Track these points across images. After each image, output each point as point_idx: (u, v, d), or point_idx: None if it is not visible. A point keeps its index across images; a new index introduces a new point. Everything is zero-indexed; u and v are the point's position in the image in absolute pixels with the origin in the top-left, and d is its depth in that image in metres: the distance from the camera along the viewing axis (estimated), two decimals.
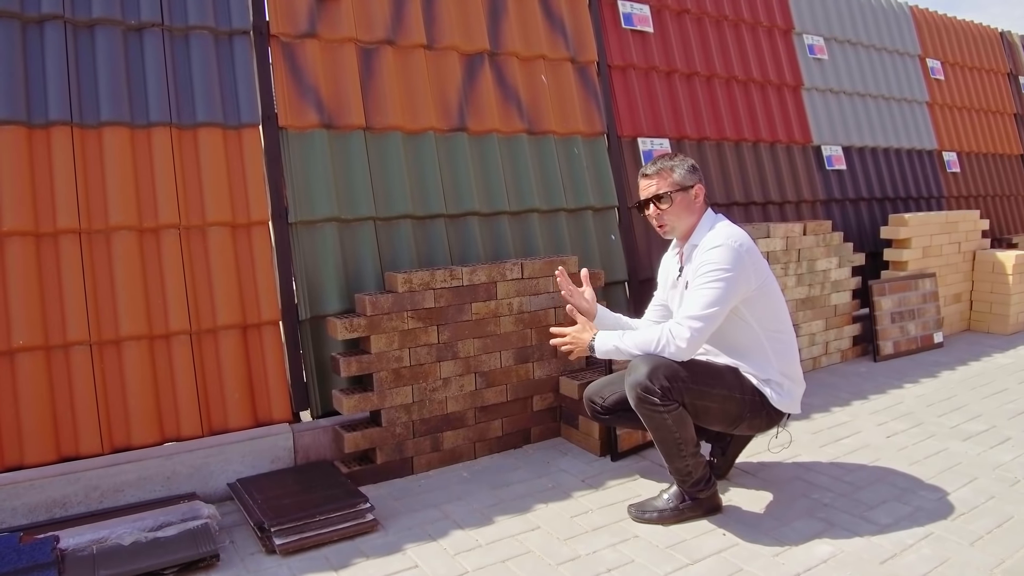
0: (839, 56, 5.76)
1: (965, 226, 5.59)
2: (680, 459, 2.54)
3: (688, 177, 2.67)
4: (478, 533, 2.57)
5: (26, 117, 2.79)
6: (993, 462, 3.10)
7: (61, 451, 2.76)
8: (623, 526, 2.60)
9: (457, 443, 3.19)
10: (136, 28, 3.04)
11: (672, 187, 2.66)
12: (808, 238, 4.48)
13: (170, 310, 2.94)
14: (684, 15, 4.82)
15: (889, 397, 4.04)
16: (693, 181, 2.67)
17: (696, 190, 2.67)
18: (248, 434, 2.97)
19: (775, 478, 2.98)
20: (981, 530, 2.52)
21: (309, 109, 3.29)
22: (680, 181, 2.66)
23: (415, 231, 3.50)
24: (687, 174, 2.67)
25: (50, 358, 2.77)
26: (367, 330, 2.93)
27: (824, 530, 2.54)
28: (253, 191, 3.13)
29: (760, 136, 5.00)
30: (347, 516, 2.55)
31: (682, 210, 2.67)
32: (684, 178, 2.66)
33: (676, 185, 2.66)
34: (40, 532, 2.42)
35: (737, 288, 2.49)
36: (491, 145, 3.78)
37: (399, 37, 3.59)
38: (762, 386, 2.62)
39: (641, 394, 2.44)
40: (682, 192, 2.66)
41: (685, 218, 2.68)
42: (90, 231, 2.85)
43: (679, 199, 2.66)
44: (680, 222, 2.70)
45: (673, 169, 2.68)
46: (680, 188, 2.66)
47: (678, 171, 2.67)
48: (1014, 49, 7.51)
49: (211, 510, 2.57)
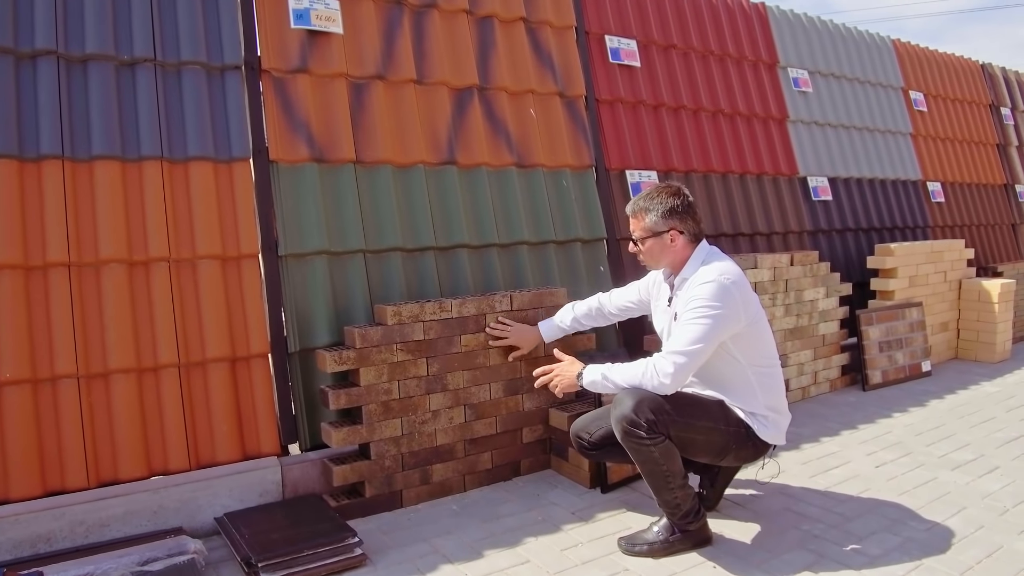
0: (823, 89, 5.87)
1: (951, 255, 5.65)
2: (668, 491, 2.54)
3: (660, 223, 2.65)
4: (467, 567, 2.55)
5: (18, 150, 2.80)
6: (982, 491, 3.11)
7: (47, 485, 2.73)
8: (613, 559, 2.59)
9: (447, 476, 3.17)
10: (129, 63, 3.07)
11: (644, 232, 2.69)
12: (795, 268, 4.52)
13: (159, 343, 2.94)
14: (671, 50, 4.91)
15: (878, 427, 4.05)
16: (667, 227, 2.64)
17: (670, 235, 2.65)
18: (236, 467, 2.95)
19: (765, 509, 2.98)
20: (971, 560, 2.53)
21: (300, 143, 3.33)
22: (651, 227, 2.67)
23: (405, 264, 3.52)
24: (659, 220, 2.65)
25: (37, 391, 2.75)
26: (356, 363, 2.93)
27: (815, 562, 2.54)
28: (243, 224, 3.15)
29: (747, 168, 5.07)
30: (335, 551, 2.53)
31: (656, 253, 2.70)
32: (656, 224, 2.66)
33: (647, 231, 2.68)
34: (24, 568, 2.39)
35: (726, 326, 2.51)
36: (480, 178, 3.82)
37: (390, 72, 3.64)
38: (748, 419, 2.63)
39: (627, 427, 2.45)
40: (654, 238, 2.68)
41: (662, 259, 2.71)
42: (80, 264, 2.86)
43: (650, 244, 2.69)
44: (656, 262, 2.75)
45: (648, 212, 2.67)
46: (652, 234, 2.68)
47: (650, 216, 2.66)
48: (995, 81, 7.66)
49: (197, 545, 2.54)
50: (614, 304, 3.13)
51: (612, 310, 3.14)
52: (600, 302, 3.17)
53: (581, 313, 3.20)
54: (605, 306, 3.15)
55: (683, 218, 2.66)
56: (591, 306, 3.18)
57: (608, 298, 3.16)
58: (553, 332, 3.25)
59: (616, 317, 3.18)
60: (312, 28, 3.43)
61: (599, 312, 3.18)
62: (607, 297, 3.17)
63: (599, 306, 3.17)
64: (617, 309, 3.13)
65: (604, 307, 3.16)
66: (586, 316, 3.20)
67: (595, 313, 3.19)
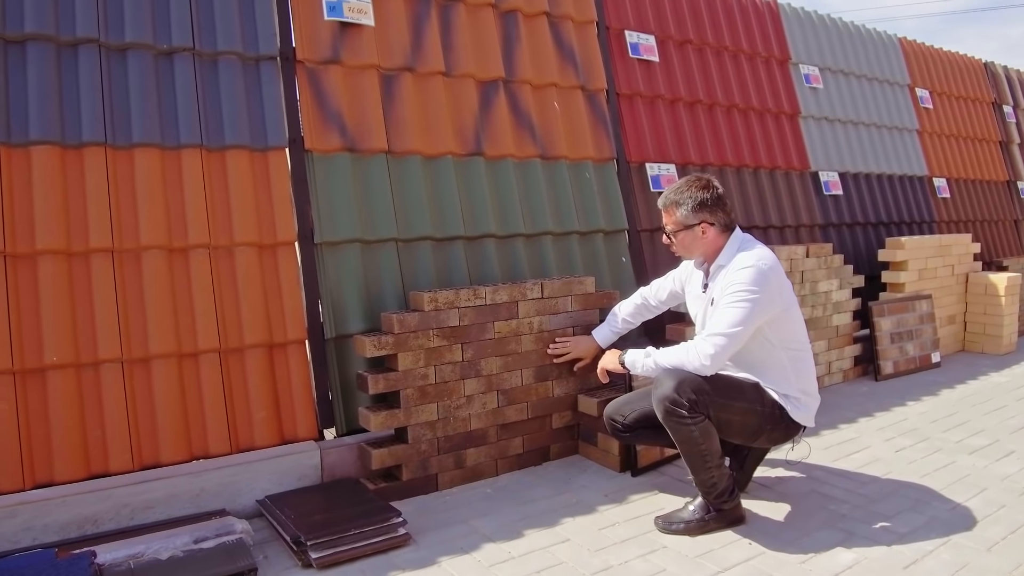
0: (833, 85, 5.95)
1: (958, 249, 5.75)
2: (705, 471, 2.61)
3: (691, 216, 2.72)
4: (509, 546, 2.61)
5: (60, 137, 2.85)
6: (1000, 474, 3.19)
7: (91, 468, 2.77)
8: (650, 537, 2.66)
9: (479, 460, 3.23)
10: (167, 53, 3.12)
11: (676, 226, 2.77)
12: (810, 260, 4.59)
13: (199, 329, 2.98)
14: (686, 45, 4.98)
15: (893, 415, 4.13)
16: (697, 220, 2.71)
17: (701, 228, 2.72)
18: (275, 451, 3.00)
19: (791, 491, 3.05)
20: (996, 536, 2.61)
21: (333, 132, 3.38)
22: (682, 221, 2.75)
23: (435, 252, 3.58)
24: (690, 213, 2.72)
25: (80, 375, 2.80)
26: (394, 348, 2.98)
27: (845, 539, 2.61)
28: (280, 212, 3.20)
29: (760, 162, 5.14)
30: (380, 530, 2.58)
31: (689, 244, 2.78)
32: (686, 218, 2.73)
33: (679, 224, 2.76)
34: (75, 548, 2.43)
35: (763, 309, 2.58)
36: (506, 169, 3.88)
37: (418, 64, 3.69)
38: (782, 400, 2.71)
39: (669, 407, 2.52)
40: (685, 231, 2.75)
41: (695, 250, 2.79)
42: (121, 250, 2.90)
43: (682, 236, 2.77)
44: (690, 253, 2.83)
45: (679, 206, 2.74)
46: (683, 227, 2.75)
47: (681, 210, 2.74)
48: (997, 79, 7.77)
49: (244, 525, 2.59)
50: (656, 296, 3.21)
51: (654, 302, 3.22)
52: (644, 296, 3.25)
53: (628, 312, 3.28)
54: (649, 299, 3.23)
55: (713, 210, 2.73)
56: (636, 303, 3.26)
57: (650, 291, 3.24)
58: (607, 337, 3.31)
59: (661, 308, 3.25)
60: (344, 20, 3.48)
61: (644, 307, 3.25)
62: (649, 290, 3.25)
63: (643, 301, 3.25)
64: (660, 300, 3.21)
65: (648, 300, 3.24)
66: (633, 314, 3.28)
67: (641, 309, 3.27)
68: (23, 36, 2.85)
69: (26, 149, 2.79)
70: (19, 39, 2.85)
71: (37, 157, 2.79)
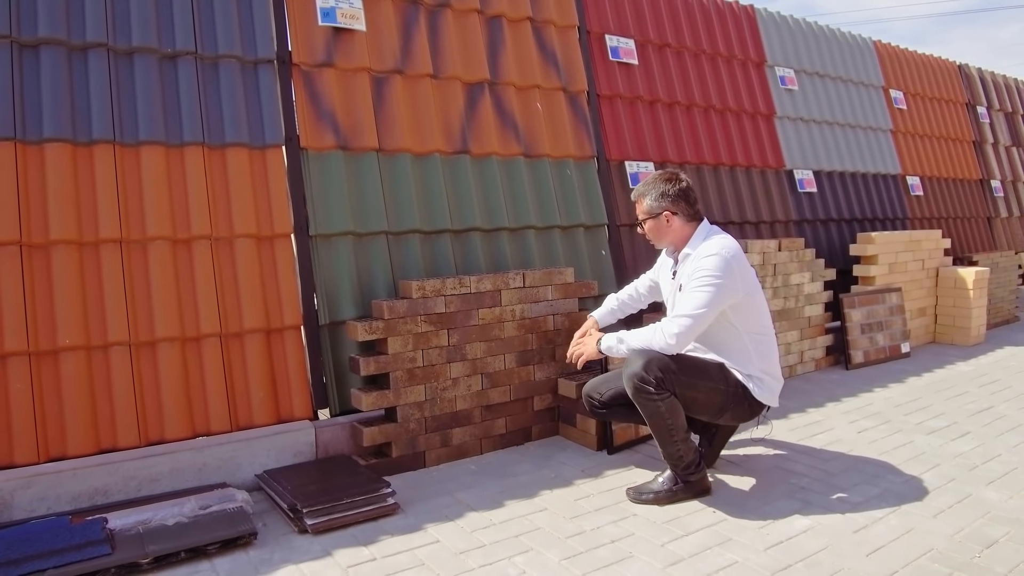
0: (808, 87, 6.18)
1: (928, 244, 5.98)
2: (672, 444, 2.82)
3: (655, 206, 2.98)
4: (491, 514, 2.82)
5: (71, 135, 3.04)
6: (954, 452, 3.42)
7: (101, 443, 2.97)
8: (622, 507, 2.87)
9: (465, 439, 3.44)
10: (171, 56, 3.31)
11: (643, 215, 3.04)
12: (783, 254, 4.82)
13: (201, 314, 3.18)
14: (665, 49, 5.20)
15: (860, 400, 4.35)
16: (660, 209, 2.97)
17: (665, 216, 2.97)
18: (272, 430, 3.20)
19: (757, 467, 3.27)
20: (943, 505, 2.82)
21: (327, 132, 3.58)
22: (648, 210, 3.01)
23: (423, 245, 3.78)
24: (653, 203, 2.98)
25: (91, 357, 2.99)
26: (384, 332, 3.19)
27: (803, 507, 2.83)
28: (277, 206, 3.40)
29: (736, 161, 5.37)
30: (371, 500, 2.79)
31: (656, 232, 3.04)
32: (651, 208, 2.99)
33: (645, 213, 3.03)
34: (87, 516, 2.63)
35: (726, 294, 2.80)
36: (491, 166, 4.09)
37: (408, 67, 3.90)
38: (745, 380, 2.92)
39: (638, 384, 2.73)
40: (652, 219, 3.01)
41: (663, 238, 3.04)
42: (129, 241, 3.10)
43: (649, 224, 3.03)
44: (659, 241, 3.07)
45: (645, 196, 3.02)
46: (649, 216, 3.01)
47: (647, 200, 3.01)
48: (971, 81, 8.02)
49: (244, 495, 2.79)
50: (643, 286, 3.43)
51: (643, 291, 3.43)
52: (636, 287, 3.45)
53: (625, 297, 3.46)
54: (639, 289, 3.44)
55: (675, 200, 2.97)
56: (630, 293, 3.46)
57: (640, 281, 3.45)
58: (606, 317, 3.46)
59: (648, 298, 3.45)
60: (338, 25, 3.68)
61: (636, 296, 3.45)
62: (639, 281, 3.46)
63: (635, 291, 3.45)
64: (646, 289, 3.43)
65: (638, 289, 3.44)
66: (627, 302, 3.46)
67: (634, 297, 3.45)
68: (37, 40, 3.04)
69: (40, 146, 2.99)
70: (33, 43, 3.05)
71: (50, 154, 2.99)
